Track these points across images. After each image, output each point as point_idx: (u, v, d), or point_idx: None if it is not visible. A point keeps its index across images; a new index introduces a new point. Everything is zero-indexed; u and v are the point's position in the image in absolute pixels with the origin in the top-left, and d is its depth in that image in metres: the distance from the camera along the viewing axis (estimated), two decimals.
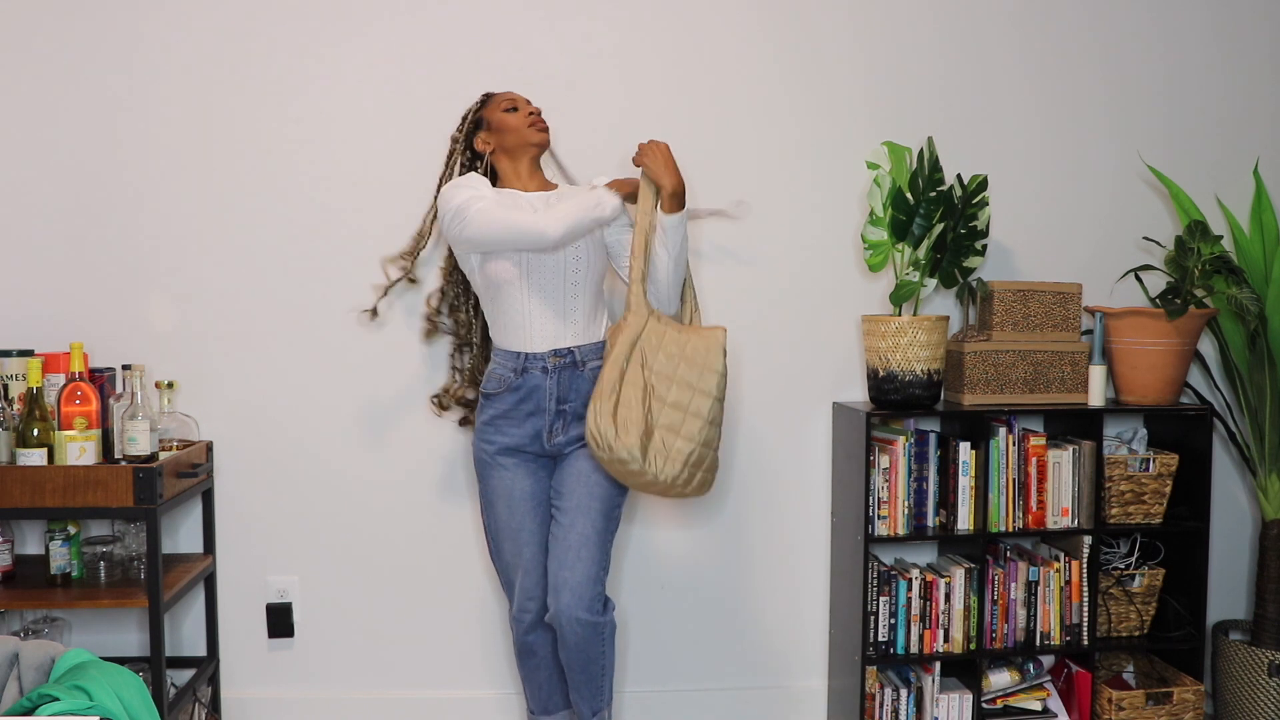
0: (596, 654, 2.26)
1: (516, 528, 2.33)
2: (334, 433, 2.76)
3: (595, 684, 2.29)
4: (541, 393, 2.30)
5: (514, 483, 2.33)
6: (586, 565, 2.23)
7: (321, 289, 2.73)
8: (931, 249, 2.58)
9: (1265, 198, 2.73)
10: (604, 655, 2.28)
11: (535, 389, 2.30)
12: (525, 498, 2.33)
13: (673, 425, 2.18)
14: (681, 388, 2.20)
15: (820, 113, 2.81)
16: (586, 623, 2.22)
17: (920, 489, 2.65)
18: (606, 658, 2.28)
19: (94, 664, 1.67)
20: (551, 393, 2.30)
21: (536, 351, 2.29)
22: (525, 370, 2.30)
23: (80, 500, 2.27)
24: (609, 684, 2.32)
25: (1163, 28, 2.90)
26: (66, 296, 2.67)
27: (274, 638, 2.79)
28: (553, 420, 2.31)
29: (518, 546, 2.34)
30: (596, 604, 2.24)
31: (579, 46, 2.74)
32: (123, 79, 2.66)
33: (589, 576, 2.23)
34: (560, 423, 2.31)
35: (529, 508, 2.33)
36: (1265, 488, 2.73)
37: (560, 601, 2.22)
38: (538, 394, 2.30)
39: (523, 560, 2.34)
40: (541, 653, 2.38)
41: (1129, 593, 2.75)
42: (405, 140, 2.71)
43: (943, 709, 2.67)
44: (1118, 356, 2.73)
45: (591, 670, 2.27)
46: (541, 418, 2.31)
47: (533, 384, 2.30)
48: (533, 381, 2.29)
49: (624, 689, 2.85)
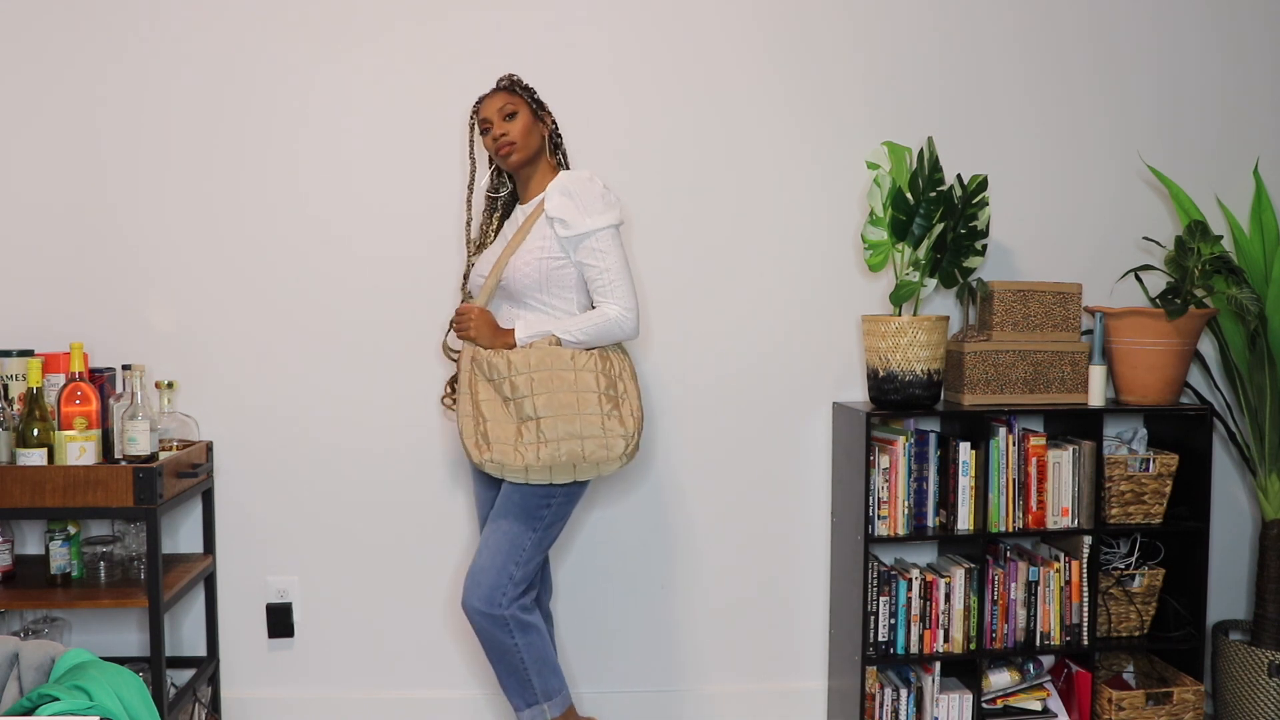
0: (504, 646, 2.25)
1: (481, 525, 2.48)
2: (334, 433, 2.76)
3: (517, 677, 2.28)
4: None
5: (477, 489, 2.49)
6: (490, 555, 2.26)
7: (322, 289, 2.73)
8: (931, 249, 2.58)
9: (1265, 198, 2.73)
10: (515, 648, 2.26)
11: None
12: (483, 503, 2.47)
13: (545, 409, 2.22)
14: (526, 379, 2.24)
15: (820, 113, 2.81)
16: (483, 613, 2.24)
17: (920, 489, 2.65)
18: (520, 651, 2.26)
19: (94, 664, 1.67)
20: None
21: None
22: None
23: (80, 500, 2.27)
24: (541, 680, 2.30)
25: (1163, 28, 2.90)
26: (66, 296, 2.68)
27: (274, 638, 2.79)
28: None
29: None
30: (496, 594, 2.24)
31: (580, 47, 2.74)
32: (122, 80, 2.66)
33: (488, 565, 2.25)
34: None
35: (486, 512, 2.46)
36: (1265, 488, 2.73)
37: (463, 590, 2.28)
38: None
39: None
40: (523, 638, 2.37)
41: (1129, 593, 2.75)
42: (404, 140, 2.71)
43: (943, 709, 2.67)
44: (1118, 356, 2.73)
45: (508, 661, 2.27)
46: None
47: None
48: None
49: (623, 689, 2.85)
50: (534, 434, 2.22)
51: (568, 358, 2.26)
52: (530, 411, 2.22)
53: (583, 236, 2.26)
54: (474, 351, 2.29)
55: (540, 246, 2.28)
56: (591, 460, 2.23)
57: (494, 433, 2.22)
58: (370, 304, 2.74)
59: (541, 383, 2.23)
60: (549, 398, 2.22)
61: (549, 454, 2.21)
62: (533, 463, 2.20)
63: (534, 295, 2.31)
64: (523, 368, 2.24)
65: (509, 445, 2.21)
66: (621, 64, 2.76)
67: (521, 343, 2.29)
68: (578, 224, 2.25)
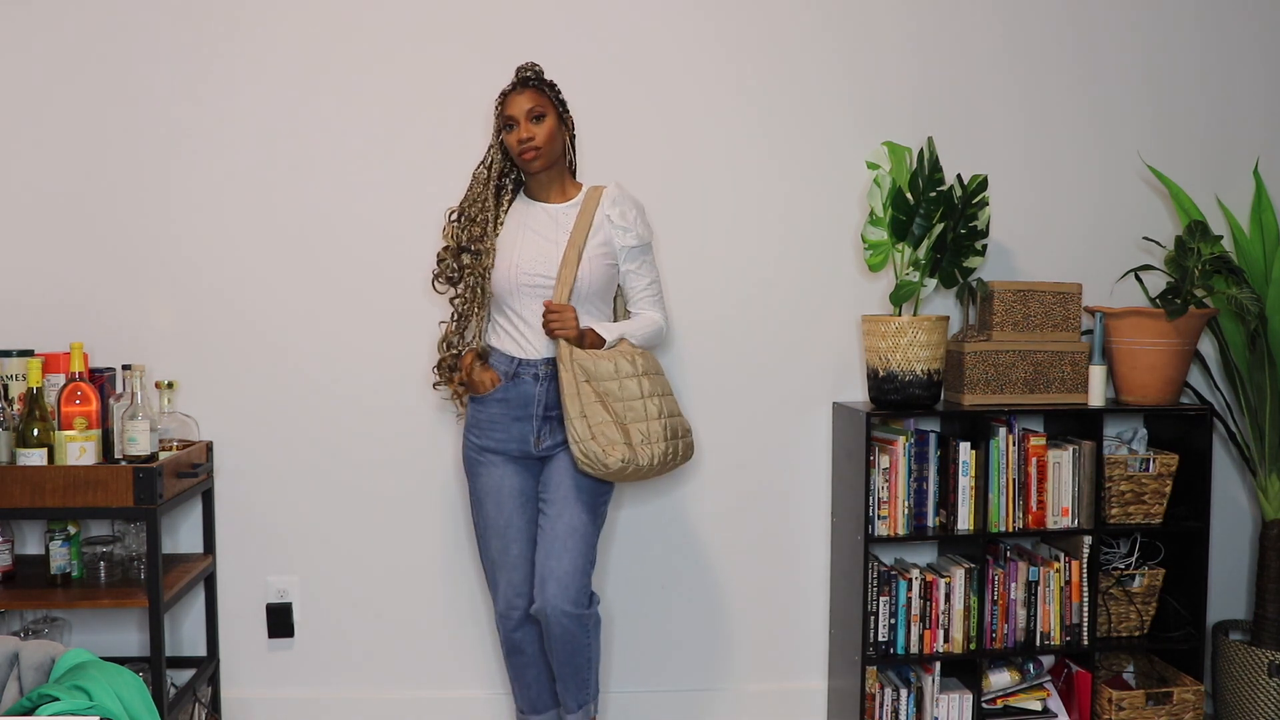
0: (582, 645, 2.28)
1: (504, 524, 2.36)
2: (334, 433, 2.75)
3: (580, 677, 2.31)
4: (531, 399, 2.33)
5: (502, 480, 2.36)
6: (573, 557, 2.26)
7: (322, 289, 2.73)
8: (931, 249, 2.58)
9: (1265, 198, 2.73)
10: (589, 647, 2.30)
11: (525, 395, 2.33)
12: (513, 494, 2.36)
13: (640, 414, 2.26)
14: (628, 382, 2.27)
15: (820, 113, 2.81)
16: (571, 615, 2.24)
17: (920, 489, 2.65)
18: (591, 650, 2.31)
19: (94, 664, 1.67)
20: (541, 399, 2.32)
21: (530, 358, 2.33)
22: (517, 375, 2.33)
23: (80, 500, 2.27)
24: (594, 678, 2.35)
25: (1163, 28, 2.90)
26: (66, 296, 2.68)
27: (274, 638, 2.79)
28: (540, 425, 2.34)
29: (505, 543, 2.36)
30: (582, 596, 2.27)
31: (581, 49, 2.74)
32: (122, 78, 2.66)
33: (575, 568, 2.26)
34: (547, 428, 2.34)
35: (517, 505, 2.36)
36: (1265, 488, 2.73)
37: (546, 592, 2.25)
38: (527, 400, 2.33)
39: (509, 557, 2.37)
40: (529, 650, 2.40)
41: (1129, 593, 2.75)
42: (404, 140, 2.71)
43: (943, 709, 2.67)
44: (1118, 356, 2.73)
45: (577, 662, 2.29)
46: (529, 424, 2.34)
47: (522, 389, 2.33)
48: (523, 387, 2.33)
49: (624, 689, 2.85)
50: (654, 432, 2.25)
51: (659, 362, 2.39)
52: (645, 413, 2.26)
53: (645, 248, 2.39)
54: (572, 352, 2.25)
55: (604, 252, 2.33)
56: (685, 456, 2.35)
57: (607, 433, 2.22)
58: (371, 304, 2.74)
59: (657, 385, 2.32)
60: (663, 400, 2.31)
61: (665, 452, 2.26)
62: (649, 461, 2.23)
63: (594, 299, 2.34)
64: (631, 370, 2.28)
65: (626, 444, 2.22)
66: (620, 65, 2.76)
67: (610, 344, 2.31)
68: (644, 235, 2.37)
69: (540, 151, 2.30)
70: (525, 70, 2.34)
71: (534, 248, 2.32)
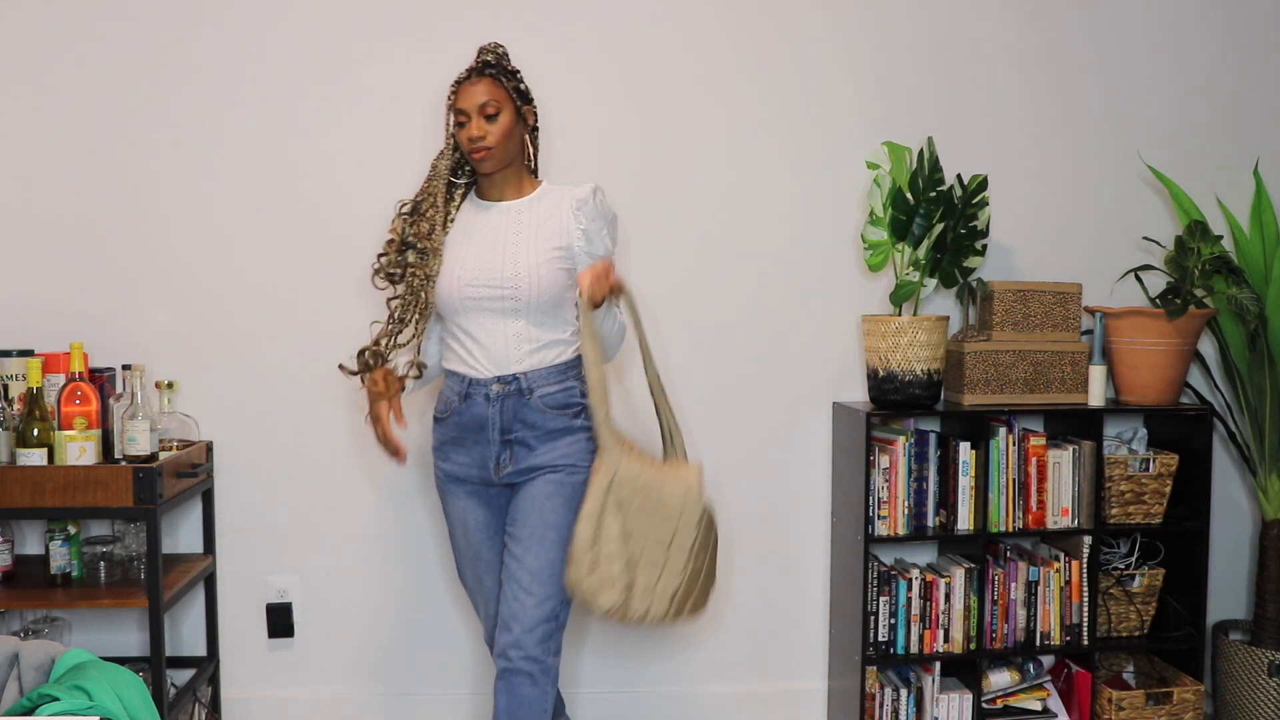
0: (531, 701, 2.03)
1: (474, 556, 2.23)
2: (334, 432, 2.76)
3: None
4: (485, 423, 2.12)
5: (467, 512, 2.21)
6: (537, 602, 2.04)
7: (322, 288, 2.73)
8: (931, 249, 2.58)
9: (1265, 198, 2.73)
10: (543, 699, 2.04)
11: (478, 418, 2.12)
12: (480, 527, 2.20)
13: (655, 561, 2.04)
14: (662, 523, 2.05)
15: (820, 112, 2.81)
16: (522, 672, 2.02)
17: (920, 489, 2.65)
18: (544, 702, 2.05)
19: (94, 664, 1.67)
20: (495, 423, 2.11)
21: (480, 377, 2.12)
22: (469, 396, 2.13)
23: (80, 500, 2.27)
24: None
25: (1163, 28, 2.90)
26: (66, 296, 2.68)
27: (274, 638, 2.79)
28: (499, 451, 2.13)
29: (478, 575, 2.24)
30: (547, 644, 2.05)
31: (581, 45, 2.74)
32: (121, 80, 2.66)
33: (538, 617, 2.04)
34: (507, 454, 2.13)
35: (485, 537, 2.21)
36: (1265, 488, 2.73)
37: (501, 640, 2.05)
38: (481, 423, 2.12)
39: (484, 587, 2.24)
40: None
41: (1129, 593, 2.75)
42: (404, 141, 2.71)
43: (943, 709, 2.67)
44: (1118, 356, 2.73)
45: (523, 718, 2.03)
46: (487, 448, 2.14)
47: (475, 411, 2.12)
48: (475, 409, 2.12)
49: (624, 688, 2.85)
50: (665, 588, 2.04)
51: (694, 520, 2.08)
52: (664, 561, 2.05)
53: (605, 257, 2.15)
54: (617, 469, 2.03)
55: (558, 256, 2.11)
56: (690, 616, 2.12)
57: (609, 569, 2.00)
58: (371, 305, 2.74)
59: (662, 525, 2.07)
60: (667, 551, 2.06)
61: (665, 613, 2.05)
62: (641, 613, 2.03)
63: (545, 310, 2.11)
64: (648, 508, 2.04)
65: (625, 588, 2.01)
66: (618, 63, 2.76)
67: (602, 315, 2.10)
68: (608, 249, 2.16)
69: (492, 152, 2.10)
70: (485, 53, 2.15)
71: (477, 256, 2.11)
